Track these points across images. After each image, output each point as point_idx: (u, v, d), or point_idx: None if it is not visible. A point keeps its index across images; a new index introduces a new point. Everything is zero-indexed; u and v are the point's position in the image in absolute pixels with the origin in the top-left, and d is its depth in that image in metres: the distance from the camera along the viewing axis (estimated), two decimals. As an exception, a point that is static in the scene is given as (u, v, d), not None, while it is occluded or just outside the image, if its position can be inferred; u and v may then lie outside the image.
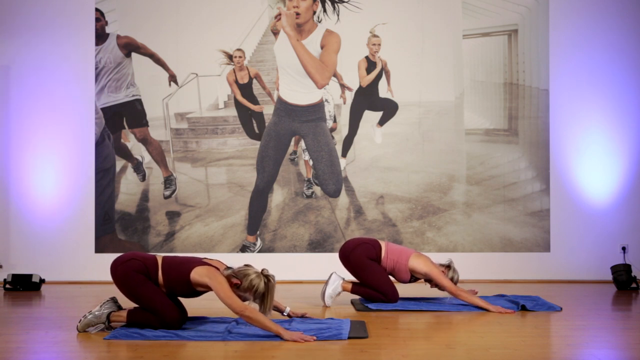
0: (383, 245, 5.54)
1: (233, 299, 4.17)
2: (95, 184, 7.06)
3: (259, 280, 4.22)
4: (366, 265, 5.44)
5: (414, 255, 5.45)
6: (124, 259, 4.43)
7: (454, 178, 7.11)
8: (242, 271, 4.28)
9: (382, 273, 5.45)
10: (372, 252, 5.47)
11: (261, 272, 4.28)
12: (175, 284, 4.38)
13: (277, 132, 6.97)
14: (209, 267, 4.34)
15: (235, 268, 4.34)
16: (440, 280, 5.32)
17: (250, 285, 4.21)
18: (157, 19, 7.16)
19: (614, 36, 7.05)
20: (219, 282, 4.23)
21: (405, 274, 5.47)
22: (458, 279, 5.42)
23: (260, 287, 4.22)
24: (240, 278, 4.26)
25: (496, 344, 4.12)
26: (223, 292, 4.19)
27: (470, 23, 7.18)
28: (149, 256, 4.47)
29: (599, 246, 6.99)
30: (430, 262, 5.41)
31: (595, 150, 7.04)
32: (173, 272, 4.37)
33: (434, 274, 5.34)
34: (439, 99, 7.18)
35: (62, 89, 7.06)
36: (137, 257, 4.42)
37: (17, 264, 6.94)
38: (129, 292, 4.40)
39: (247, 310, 4.15)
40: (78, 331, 4.41)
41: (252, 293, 4.22)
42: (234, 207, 7.07)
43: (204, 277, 4.27)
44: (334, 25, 6.99)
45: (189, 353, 3.90)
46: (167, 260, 4.45)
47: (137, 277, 4.35)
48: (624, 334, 4.52)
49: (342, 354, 3.87)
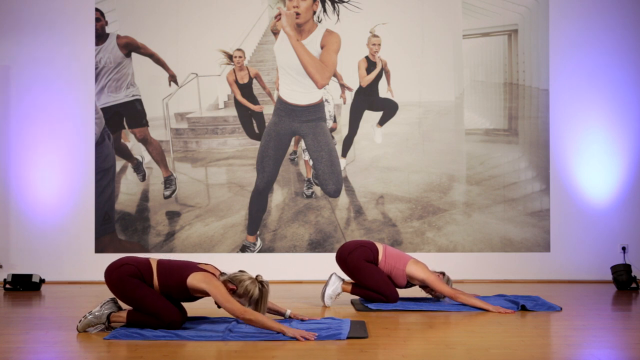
0: (381, 248, 5.52)
1: (232, 303, 4.24)
2: (95, 184, 7.06)
3: (253, 286, 4.33)
4: (364, 267, 5.43)
5: (412, 262, 5.46)
6: (117, 265, 4.44)
7: (454, 178, 7.11)
8: (237, 277, 4.36)
9: (381, 274, 5.44)
10: (369, 255, 5.47)
11: (255, 278, 4.37)
12: (171, 289, 4.40)
13: (277, 132, 6.97)
14: (206, 273, 4.37)
15: (229, 274, 4.41)
16: (439, 286, 5.34)
17: (246, 291, 4.31)
18: (157, 19, 7.16)
19: (614, 36, 7.05)
20: (217, 288, 4.28)
21: (402, 279, 5.48)
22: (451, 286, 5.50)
23: (255, 293, 4.33)
24: (235, 284, 4.32)
25: (496, 344, 4.12)
26: (222, 297, 4.25)
27: (470, 23, 7.18)
28: (142, 260, 4.48)
29: (599, 246, 6.99)
30: (427, 269, 5.44)
31: (595, 150, 7.04)
32: (169, 277, 4.40)
33: (431, 280, 5.37)
34: (439, 99, 7.18)
35: (62, 88, 7.06)
36: (130, 262, 4.43)
37: (17, 264, 6.94)
38: (126, 297, 4.40)
39: (247, 312, 4.22)
40: (78, 331, 4.41)
41: (247, 299, 4.32)
42: (234, 207, 7.07)
43: (202, 282, 4.32)
44: (334, 25, 7.00)
45: (189, 353, 3.90)
46: (163, 264, 4.46)
47: (132, 282, 4.36)
48: (624, 334, 4.52)
49: (342, 354, 3.87)
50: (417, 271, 5.41)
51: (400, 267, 5.44)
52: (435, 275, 5.40)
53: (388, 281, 5.46)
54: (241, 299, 4.32)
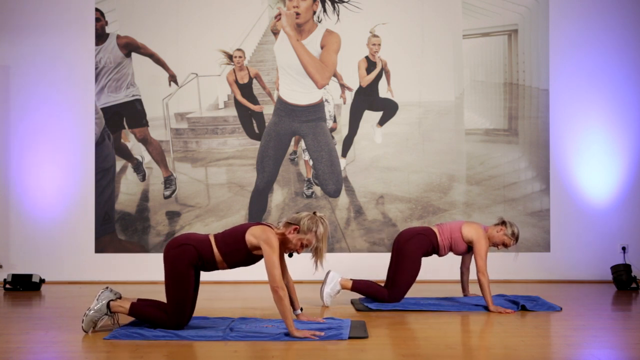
0: (436, 230, 5.52)
1: (276, 270, 4.18)
2: (95, 184, 7.06)
3: (314, 221, 4.29)
4: (413, 260, 5.41)
5: (465, 224, 5.46)
6: (177, 243, 4.36)
7: (454, 178, 7.11)
8: (295, 217, 4.33)
9: (414, 275, 5.44)
10: (427, 243, 5.44)
11: (314, 214, 4.34)
12: (232, 255, 4.33)
13: (277, 132, 6.97)
14: (264, 227, 4.31)
15: (287, 217, 4.39)
16: (478, 256, 5.29)
17: (309, 227, 4.27)
18: (157, 19, 7.16)
19: (613, 36, 7.05)
20: (271, 247, 4.22)
21: (462, 246, 5.46)
22: (518, 233, 5.42)
23: (319, 227, 4.28)
24: (297, 224, 4.28)
25: (496, 344, 4.12)
26: (270, 260, 4.20)
27: (470, 23, 7.18)
28: (202, 237, 4.40)
29: (599, 246, 6.99)
30: (480, 231, 5.39)
31: (595, 150, 7.04)
32: (228, 244, 4.33)
33: (478, 247, 5.32)
34: (439, 99, 7.18)
35: (62, 88, 7.06)
36: (190, 242, 4.34)
37: (17, 264, 6.94)
38: (167, 276, 4.34)
39: (281, 289, 4.16)
40: (84, 331, 4.36)
41: (313, 234, 4.27)
42: (234, 207, 7.07)
43: (258, 237, 4.25)
44: (334, 25, 7.00)
45: (189, 353, 3.90)
46: (219, 236, 4.40)
47: (182, 268, 4.29)
48: (624, 334, 4.52)
49: (342, 354, 3.87)
50: (469, 232, 5.41)
51: (456, 235, 5.44)
52: (485, 243, 5.33)
53: (410, 284, 5.45)
54: (307, 235, 4.26)
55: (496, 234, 5.42)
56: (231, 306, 5.56)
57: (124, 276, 6.93)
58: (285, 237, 4.30)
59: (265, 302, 5.62)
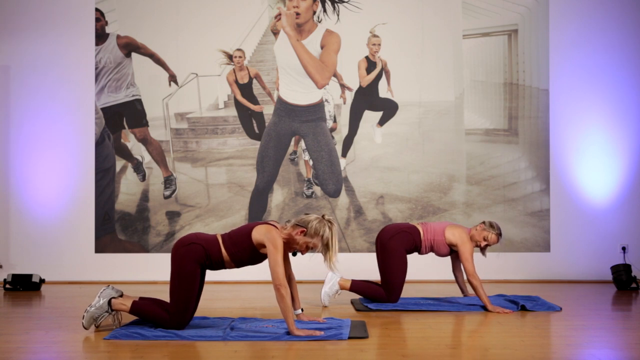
0: (421, 228, 5.50)
1: (279, 268, 4.17)
2: (95, 184, 7.06)
3: (322, 225, 4.27)
4: (398, 257, 5.41)
5: (449, 227, 5.45)
6: (186, 242, 4.36)
7: (454, 178, 7.11)
8: (303, 219, 4.31)
9: (403, 273, 5.43)
10: (410, 240, 5.43)
11: (322, 217, 4.32)
12: (240, 254, 4.33)
13: (277, 132, 6.97)
14: (269, 226, 4.31)
15: (296, 219, 4.36)
16: (465, 259, 5.29)
17: (316, 230, 4.25)
18: (157, 19, 7.16)
19: (614, 36, 7.05)
20: (276, 246, 4.22)
21: (444, 249, 5.45)
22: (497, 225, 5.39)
23: (326, 231, 4.26)
24: (304, 226, 4.27)
25: (496, 344, 4.12)
26: (273, 259, 4.20)
27: (470, 23, 7.18)
28: (210, 237, 4.40)
29: (599, 246, 6.99)
30: (464, 234, 5.39)
31: (595, 150, 7.04)
32: (236, 243, 4.33)
33: (462, 250, 5.32)
34: (439, 99, 7.19)
35: (62, 88, 7.06)
36: (198, 241, 4.34)
37: (17, 264, 6.94)
38: (173, 273, 4.34)
39: (283, 287, 4.16)
40: (85, 328, 4.37)
41: (319, 238, 4.27)
42: (234, 207, 7.07)
43: (263, 235, 4.25)
44: (334, 25, 7.00)
45: (189, 353, 3.90)
46: (227, 236, 4.39)
47: (189, 266, 4.30)
48: (624, 334, 4.52)
49: (342, 354, 3.87)
50: (452, 236, 5.40)
51: (439, 238, 5.44)
52: (469, 245, 5.33)
53: (402, 282, 5.45)
54: (313, 239, 4.26)
55: (476, 232, 5.43)
56: (231, 306, 5.56)
57: (124, 276, 6.93)
58: (292, 237, 4.31)
59: (265, 302, 5.62)
